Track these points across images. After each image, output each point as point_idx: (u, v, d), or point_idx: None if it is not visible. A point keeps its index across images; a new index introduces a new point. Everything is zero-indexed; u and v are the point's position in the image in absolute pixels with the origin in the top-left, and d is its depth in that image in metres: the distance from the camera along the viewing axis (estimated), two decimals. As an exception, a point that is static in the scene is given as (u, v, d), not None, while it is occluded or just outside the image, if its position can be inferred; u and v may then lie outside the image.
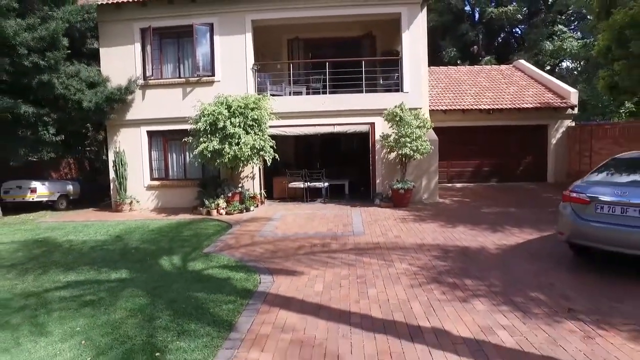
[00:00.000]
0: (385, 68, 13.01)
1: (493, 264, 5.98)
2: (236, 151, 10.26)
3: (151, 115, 12.21)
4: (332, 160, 14.43)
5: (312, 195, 12.48)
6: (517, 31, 30.12)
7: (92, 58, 12.74)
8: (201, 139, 10.51)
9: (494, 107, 15.06)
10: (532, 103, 15.18)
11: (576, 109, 15.26)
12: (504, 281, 5.24)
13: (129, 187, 12.23)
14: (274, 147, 10.92)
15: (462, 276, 5.47)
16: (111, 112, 12.02)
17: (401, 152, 10.86)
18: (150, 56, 12.16)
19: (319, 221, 9.44)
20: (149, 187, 12.49)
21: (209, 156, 10.43)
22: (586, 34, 23.07)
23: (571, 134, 15.08)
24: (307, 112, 11.89)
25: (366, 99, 11.88)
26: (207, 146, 10.29)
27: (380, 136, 11.63)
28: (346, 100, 11.88)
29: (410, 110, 11.11)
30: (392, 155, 11.64)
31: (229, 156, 10.25)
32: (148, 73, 12.18)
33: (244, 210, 10.94)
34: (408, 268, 5.89)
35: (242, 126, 10.48)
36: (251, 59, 12.05)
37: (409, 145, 10.69)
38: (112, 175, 12.32)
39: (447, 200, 12.05)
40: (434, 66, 18.90)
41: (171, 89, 12.16)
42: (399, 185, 10.97)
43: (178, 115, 11.74)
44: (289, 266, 6.18)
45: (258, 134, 10.70)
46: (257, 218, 10.09)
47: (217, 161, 10.50)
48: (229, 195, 10.95)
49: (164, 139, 12.57)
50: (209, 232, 8.83)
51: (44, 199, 12.78)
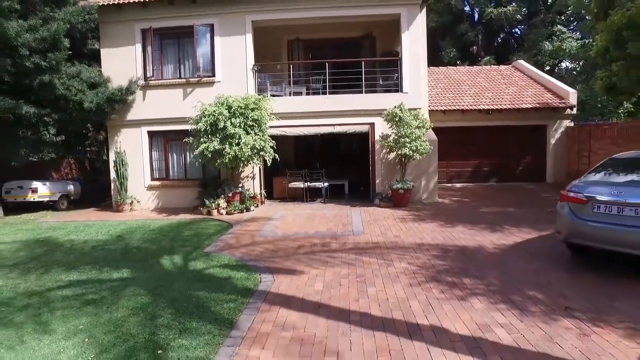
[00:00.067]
0: (384, 68, 13.05)
1: (491, 263, 6.03)
2: (236, 151, 10.31)
3: (152, 115, 12.26)
4: (332, 160, 14.48)
5: (312, 195, 12.53)
6: (517, 31, 30.18)
7: (93, 59, 12.80)
8: (202, 139, 10.57)
9: (493, 108, 15.11)
10: (531, 103, 15.23)
11: (575, 109, 15.31)
12: (502, 280, 5.29)
13: (130, 187, 12.27)
14: (274, 148, 10.97)
15: (461, 275, 5.52)
16: (112, 113, 12.07)
17: (401, 152, 10.91)
18: (150, 57, 12.23)
19: (319, 221, 9.49)
20: (150, 187, 12.55)
21: (210, 156, 10.48)
22: (585, 35, 23.12)
23: (570, 134, 15.13)
24: (307, 113, 11.95)
25: (366, 100, 11.93)
26: (208, 146, 10.34)
27: (379, 136, 11.69)
28: (346, 100, 11.93)
29: (409, 110, 11.16)
30: (392, 155, 11.70)
31: (230, 156, 10.30)
32: (149, 74, 12.24)
33: (244, 210, 10.99)
34: (407, 267, 5.95)
35: (243, 126, 10.54)
36: (251, 60, 12.11)
37: (409, 145, 10.75)
38: (113, 175, 12.37)
39: (447, 200, 12.10)
40: (434, 66, 18.95)
41: (172, 90, 12.22)
42: (399, 185, 11.02)
43: (179, 115, 11.80)
44: (289, 265, 6.23)
45: (258, 134, 10.76)
46: (258, 218, 10.14)
47: (218, 161, 10.55)
48: (230, 195, 11.00)
49: (165, 139, 12.62)
50: (210, 232, 8.88)
51: (45, 199, 12.84)
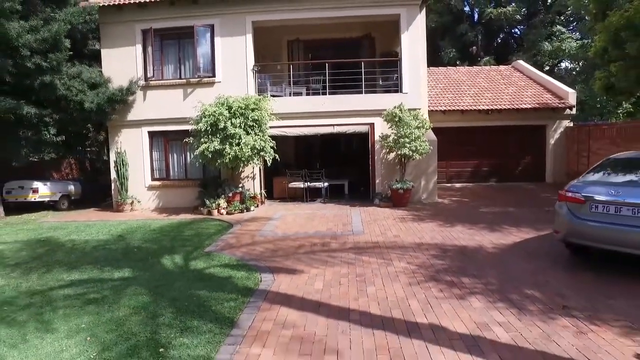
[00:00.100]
0: (384, 69, 13.09)
1: (490, 263, 6.07)
2: (237, 151, 10.35)
3: (152, 115, 12.30)
4: (332, 160, 14.52)
5: (312, 195, 12.57)
6: (516, 32, 30.22)
7: (94, 59, 12.84)
8: (202, 140, 10.61)
9: (493, 108, 15.15)
10: (531, 103, 15.26)
11: (574, 110, 15.35)
12: (501, 279, 5.33)
13: (130, 188, 12.30)
14: (274, 148, 11.01)
15: (460, 274, 5.56)
16: (112, 113, 12.11)
17: (400, 153, 10.95)
18: (151, 57, 12.27)
19: (319, 221, 9.53)
20: (150, 187, 12.58)
21: (210, 156, 10.53)
22: (585, 35, 23.14)
23: (569, 134, 15.17)
24: (307, 113, 11.99)
25: (365, 100, 11.97)
26: (208, 147, 10.38)
27: (379, 136, 11.72)
28: (346, 100, 11.98)
29: (409, 110, 11.20)
30: (392, 155, 11.74)
31: (230, 156, 10.34)
32: (149, 74, 12.29)
33: (245, 210, 11.03)
34: (406, 267, 5.98)
35: (243, 127, 10.57)
36: (251, 60, 12.15)
37: (408, 145, 10.79)
38: (114, 175, 12.41)
39: (446, 200, 12.14)
40: (433, 67, 19.00)
41: (172, 90, 12.26)
42: (398, 185, 11.06)
43: (179, 115, 11.84)
44: (290, 265, 6.26)
45: (258, 135, 10.80)
46: (258, 218, 10.18)
47: (218, 161, 10.59)
48: (230, 195, 11.04)
49: (165, 140, 12.66)
50: (210, 232, 8.92)
51: (46, 199, 12.90)
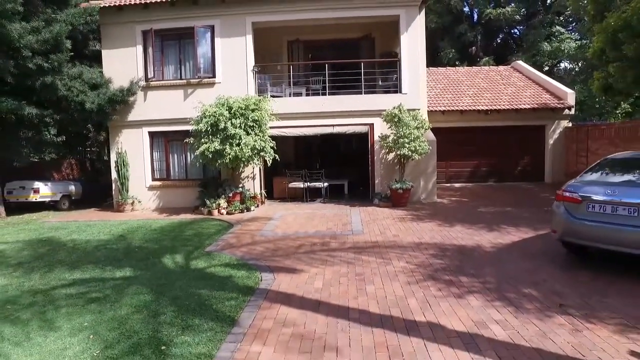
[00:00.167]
0: (384, 69, 13.13)
1: (488, 262, 6.12)
2: (237, 152, 10.40)
3: (153, 116, 12.36)
4: (332, 160, 14.58)
5: (312, 195, 12.62)
6: (516, 32, 30.25)
7: (95, 60, 12.89)
8: (202, 140, 10.65)
9: (492, 108, 15.21)
10: (530, 104, 15.32)
11: (573, 110, 15.41)
12: (499, 278, 5.39)
13: (131, 188, 12.35)
14: (274, 148, 11.07)
15: (458, 273, 5.61)
16: (113, 113, 12.17)
17: (400, 153, 11.00)
18: (151, 58, 12.33)
19: (319, 220, 9.58)
20: (151, 188, 12.63)
21: (210, 157, 10.57)
22: (584, 36, 23.20)
23: (568, 135, 15.23)
24: (307, 113, 12.04)
25: (365, 100, 12.03)
26: (209, 147, 10.43)
27: (379, 137, 11.78)
28: (345, 101, 12.03)
29: (408, 111, 11.24)
30: (391, 155, 11.79)
31: (230, 157, 10.39)
32: (150, 74, 12.34)
33: (245, 210, 11.08)
34: (405, 266, 6.04)
35: (243, 127, 10.62)
36: (252, 61, 12.21)
37: (408, 145, 10.84)
38: (114, 175, 12.47)
39: (445, 200, 12.19)
40: (433, 67, 19.06)
41: (172, 91, 12.31)
42: (398, 185, 11.11)
43: (179, 116, 11.89)
44: (290, 264, 6.31)
45: (258, 135, 10.85)
46: (258, 218, 10.23)
47: (218, 162, 10.64)
48: (230, 195, 11.09)
49: (166, 140, 12.71)
50: (211, 232, 8.97)
51: (47, 199, 12.95)
